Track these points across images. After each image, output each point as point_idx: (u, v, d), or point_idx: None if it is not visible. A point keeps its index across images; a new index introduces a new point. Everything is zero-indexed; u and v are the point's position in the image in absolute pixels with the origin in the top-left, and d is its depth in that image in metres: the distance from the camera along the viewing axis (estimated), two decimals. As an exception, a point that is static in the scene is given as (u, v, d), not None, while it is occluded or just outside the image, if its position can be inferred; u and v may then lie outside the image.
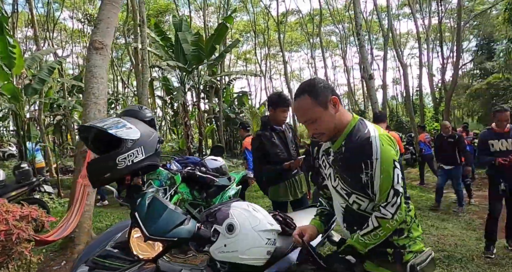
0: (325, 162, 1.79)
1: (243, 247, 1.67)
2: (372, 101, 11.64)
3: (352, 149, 1.62)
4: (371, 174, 1.55)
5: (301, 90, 1.66)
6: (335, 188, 1.73)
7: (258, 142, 3.52)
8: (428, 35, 27.67)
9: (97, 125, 1.64)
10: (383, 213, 1.57)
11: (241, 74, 23.03)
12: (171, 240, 1.66)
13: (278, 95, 3.59)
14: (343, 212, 1.75)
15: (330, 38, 40.03)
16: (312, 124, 1.65)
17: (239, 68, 39.16)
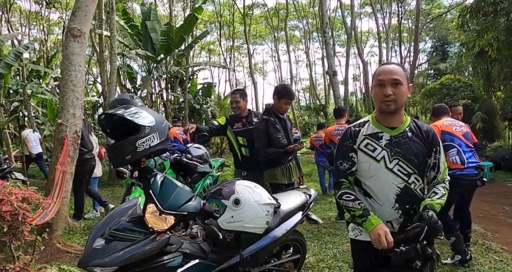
0: (373, 146, 1.92)
1: (248, 218, 2.00)
2: (335, 96, 12.20)
3: (423, 135, 1.92)
4: (439, 158, 1.93)
5: (394, 63, 1.95)
6: (391, 169, 1.89)
7: (264, 126, 3.78)
8: (388, 34, 28.86)
9: (120, 113, 1.87)
10: (447, 184, 1.95)
11: (209, 65, 22.98)
12: (182, 214, 1.94)
13: (285, 88, 3.94)
14: (398, 192, 1.89)
15: (294, 32, 40.63)
16: (395, 86, 1.83)
17: (203, 59, 38.98)
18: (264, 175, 3.94)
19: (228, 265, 2.31)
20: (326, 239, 4.81)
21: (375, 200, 1.93)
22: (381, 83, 1.84)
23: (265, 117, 3.85)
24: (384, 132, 1.92)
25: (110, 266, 1.86)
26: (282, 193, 3.11)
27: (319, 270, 3.75)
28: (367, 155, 1.92)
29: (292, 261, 2.99)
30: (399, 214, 1.90)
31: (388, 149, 1.89)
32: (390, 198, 1.89)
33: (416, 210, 1.89)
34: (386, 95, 1.82)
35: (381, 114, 1.94)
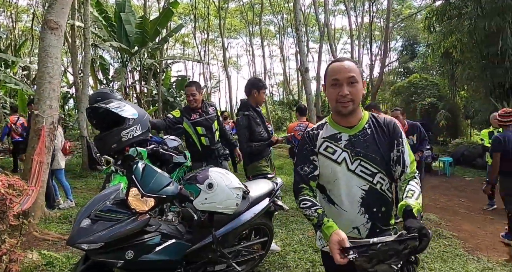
0: (333, 148, 1.79)
1: (220, 200, 2.27)
2: (307, 92, 12.58)
3: (383, 129, 1.80)
4: (402, 150, 1.77)
5: (347, 58, 1.82)
6: (353, 171, 1.75)
7: (246, 122, 4.00)
8: (360, 32, 29.58)
9: (106, 107, 2.10)
10: (419, 180, 1.77)
11: (183, 59, 22.91)
12: (161, 196, 2.19)
13: (259, 80, 4.25)
14: (363, 195, 1.76)
15: (268, 27, 40.89)
16: (351, 85, 1.71)
17: (177, 51, 38.73)
18: (249, 168, 4.17)
19: (201, 244, 2.60)
20: (293, 226, 5.16)
21: (340, 206, 1.79)
22: (337, 83, 1.72)
23: (246, 113, 4.05)
24: (343, 132, 1.80)
25: (96, 243, 2.10)
26: (251, 181, 3.42)
27: (285, 253, 4.08)
28: (327, 159, 1.79)
29: (260, 243, 3.30)
30: (366, 219, 1.76)
31: (348, 149, 1.76)
32: (355, 202, 1.76)
33: (384, 212, 1.78)
34: (343, 95, 1.70)
35: (338, 115, 1.82)
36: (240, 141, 4.09)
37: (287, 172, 10.55)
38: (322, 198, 1.88)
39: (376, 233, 1.75)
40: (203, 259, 2.64)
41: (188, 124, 4.35)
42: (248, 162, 4.16)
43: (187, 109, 4.44)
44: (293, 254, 4.04)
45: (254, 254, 3.22)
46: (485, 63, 11.99)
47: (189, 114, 4.38)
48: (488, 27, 10.58)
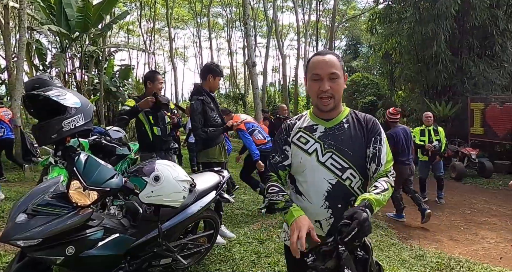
0: (306, 138, 1.77)
1: (167, 192, 2.23)
2: (253, 87, 12.68)
3: (361, 125, 1.75)
4: (379, 148, 1.71)
5: (329, 52, 1.78)
6: (323, 163, 1.71)
7: (200, 106, 3.90)
8: (306, 30, 30.24)
9: (46, 94, 1.97)
10: (391, 179, 1.70)
11: (128, 48, 22.05)
12: (105, 189, 2.11)
13: (218, 65, 4.14)
14: (329, 189, 1.70)
15: (216, 20, 40.55)
16: (333, 81, 1.67)
17: (120, 39, 37.19)
18: (200, 155, 4.12)
19: (146, 238, 2.54)
20: (239, 219, 5.21)
21: (305, 197, 1.74)
22: (318, 77, 1.68)
23: (200, 97, 3.97)
24: (319, 124, 1.77)
25: (33, 239, 1.97)
26: (197, 174, 3.40)
27: (231, 245, 4.11)
28: (299, 148, 1.76)
29: (206, 236, 3.29)
30: (329, 214, 1.70)
31: (321, 141, 1.72)
32: (320, 195, 1.70)
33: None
34: (324, 90, 1.66)
35: (318, 110, 1.79)
36: (195, 126, 4.00)
37: (233, 165, 10.59)
38: (291, 189, 1.85)
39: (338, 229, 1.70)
40: (148, 253, 2.59)
41: (142, 113, 4.21)
42: (201, 147, 4.11)
43: (142, 98, 4.26)
44: (239, 247, 4.08)
45: (200, 247, 3.20)
46: (421, 66, 12.76)
47: None
48: (424, 32, 11.27)
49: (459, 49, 11.82)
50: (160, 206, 2.33)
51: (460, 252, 4.52)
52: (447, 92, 12.27)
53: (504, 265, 4.15)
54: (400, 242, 4.67)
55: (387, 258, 4.05)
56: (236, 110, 30.24)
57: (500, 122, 10.08)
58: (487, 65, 11.25)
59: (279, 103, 30.21)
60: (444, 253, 4.33)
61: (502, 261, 4.30)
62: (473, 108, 10.97)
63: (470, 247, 4.77)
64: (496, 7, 10.99)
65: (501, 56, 11.44)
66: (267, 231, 4.65)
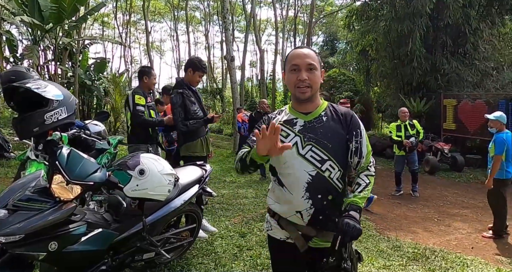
0: (287, 132, 1.80)
1: (152, 186, 2.22)
2: (232, 81, 12.66)
3: (340, 118, 1.82)
4: (360, 141, 1.80)
5: (307, 47, 1.87)
6: (303, 155, 1.76)
7: (180, 100, 3.88)
8: (284, 25, 30.30)
9: (27, 86, 1.92)
10: (371, 171, 1.85)
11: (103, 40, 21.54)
12: (88, 183, 2.08)
13: (200, 61, 4.10)
14: (309, 180, 1.75)
15: (194, 13, 40.09)
16: (310, 71, 1.73)
17: (95, 31, 36.30)
18: (182, 148, 4.09)
19: (129, 233, 2.52)
20: (219, 213, 5.23)
21: (287, 188, 1.79)
22: (296, 68, 1.74)
23: (180, 91, 3.96)
24: (299, 118, 1.82)
25: (15, 235, 1.92)
26: (180, 168, 3.39)
27: (213, 239, 4.13)
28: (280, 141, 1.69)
29: (188, 230, 3.29)
30: (310, 204, 1.75)
31: (301, 134, 1.78)
32: (301, 186, 1.75)
33: (331, 201, 1.78)
34: (302, 80, 1.72)
35: (297, 102, 1.83)
36: (175, 120, 3.99)
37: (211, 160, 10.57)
38: (273, 181, 1.90)
39: (319, 220, 1.77)
40: (131, 248, 2.57)
41: (145, 107, 4.27)
42: (183, 141, 4.09)
43: (144, 92, 4.36)
44: (220, 240, 4.10)
45: (183, 241, 3.20)
46: (396, 63, 13.02)
47: (146, 97, 4.32)
48: (400, 29, 11.49)
49: (433, 47, 12.11)
50: (144, 199, 2.33)
51: (434, 243, 4.68)
52: (421, 88, 12.55)
53: (476, 254, 4.33)
54: (377, 234, 4.80)
55: (365, 249, 4.16)
56: (214, 105, 30.13)
57: (472, 118, 10.38)
58: (459, 63, 11.60)
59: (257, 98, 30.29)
60: (419, 244, 4.48)
61: (474, 251, 4.49)
62: (446, 104, 11.27)
63: (444, 237, 4.94)
64: (469, 7, 11.32)
65: (472, 55, 11.82)
66: (248, 224, 4.69)
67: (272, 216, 1.90)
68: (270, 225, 1.92)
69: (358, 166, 1.83)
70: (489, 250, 4.57)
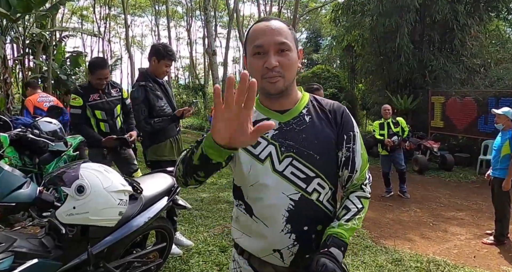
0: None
1: (95, 208, 1.65)
2: (213, 76, 12.12)
3: (328, 116, 1.32)
4: (353, 149, 1.31)
5: (275, 18, 1.31)
6: (280, 172, 1.24)
7: (143, 94, 3.27)
8: (268, 21, 29.84)
9: None
10: (366, 191, 1.36)
11: (77, 31, 20.64)
12: (8, 205, 1.51)
13: (165, 47, 3.44)
14: (290, 207, 1.24)
15: (176, 8, 39.25)
16: (282, 54, 1.21)
17: (74, 25, 35.06)
18: (148, 152, 3.47)
19: (76, 262, 1.95)
20: (198, 222, 4.67)
21: (259, 219, 1.27)
22: (261, 50, 1.20)
23: (142, 83, 3.32)
24: (272, 118, 1.28)
25: None
26: (146, 176, 2.81)
27: (189, 256, 3.57)
28: (247, 153, 1.27)
29: (157, 250, 2.74)
30: (293, 240, 1.25)
31: (276, 142, 1.26)
32: (279, 216, 1.24)
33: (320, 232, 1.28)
34: (270, 68, 1.18)
35: (266, 96, 1.31)
36: (137, 118, 3.35)
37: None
38: (237, 206, 1.35)
39: (305, 260, 1.26)
40: (80, 280, 2.01)
41: (88, 107, 3.59)
42: (148, 143, 3.45)
43: (85, 89, 3.65)
44: (197, 257, 3.55)
45: (150, 264, 2.64)
46: (382, 59, 12.74)
47: (88, 95, 3.60)
48: (387, 24, 11.17)
49: (420, 43, 11.86)
50: (87, 226, 1.75)
51: (434, 252, 4.31)
52: (408, 85, 12.31)
53: (480, 264, 3.98)
54: (373, 244, 4.35)
55: (363, 264, 3.70)
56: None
57: (460, 116, 10.17)
58: (447, 59, 11.36)
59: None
60: (420, 255, 4.05)
61: (476, 260, 4.14)
62: (434, 101, 11.03)
63: (443, 245, 4.58)
64: (457, 2, 11.08)
65: (460, 51, 11.60)
66: (229, 236, 4.15)
67: (241, 253, 1.36)
68: (238, 266, 1.37)
69: (349, 183, 1.34)
70: (492, 258, 4.21)
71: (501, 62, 12.59)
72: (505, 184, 4.37)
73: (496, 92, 9.66)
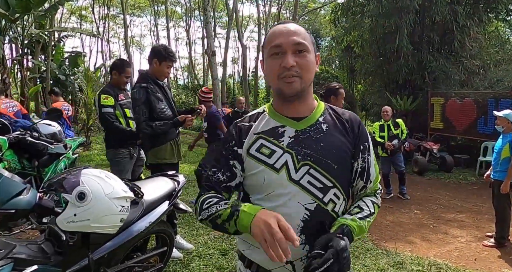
0: (270, 148, 1.25)
1: (96, 216, 1.62)
2: (213, 77, 12.08)
3: (345, 126, 1.30)
4: (368, 160, 1.32)
5: (294, 22, 1.34)
6: (297, 181, 1.22)
7: (144, 95, 3.25)
8: (267, 21, 29.80)
9: None
10: (379, 199, 1.37)
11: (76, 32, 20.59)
12: (8, 212, 1.48)
13: (166, 49, 3.45)
14: (305, 217, 1.21)
15: (175, 8, 39.22)
16: (300, 55, 1.20)
17: (73, 25, 34.99)
18: (149, 155, 3.47)
19: (76, 269, 1.92)
20: (198, 225, 4.63)
21: None
22: (279, 51, 1.20)
23: (143, 85, 3.31)
24: (287, 126, 1.26)
25: None
26: (146, 180, 2.78)
27: (189, 259, 3.55)
28: (261, 163, 1.24)
29: (157, 255, 2.71)
30: (306, 251, 1.21)
31: (293, 150, 1.23)
32: (294, 226, 1.16)
33: None
34: (287, 67, 1.17)
35: (282, 101, 1.28)
36: (138, 120, 3.33)
37: (190, 160, 9.99)
38: None
39: None
40: (80, 286, 1.98)
41: (117, 105, 3.64)
42: (149, 146, 3.43)
43: (113, 90, 3.72)
44: (198, 260, 3.52)
45: (150, 268, 2.61)
46: (382, 60, 12.72)
47: (117, 95, 3.68)
48: (387, 25, 11.16)
49: (419, 44, 11.83)
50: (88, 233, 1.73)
51: (435, 254, 4.30)
52: (407, 86, 12.30)
53: (481, 267, 3.97)
54: (374, 247, 4.33)
55: (364, 267, 3.68)
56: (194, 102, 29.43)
57: (460, 117, 10.17)
58: (446, 60, 11.34)
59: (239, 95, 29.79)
60: (421, 258, 4.03)
61: (478, 263, 4.12)
62: (433, 103, 11.03)
63: (444, 247, 4.57)
64: (456, 3, 11.07)
65: (459, 52, 11.58)
66: (230, 239, 4.12)
67: (248, 266, 1.30)
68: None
69: (362, 192, 1.36)
70: (493, 261, 4.20)
71: (501, 64, 12.61)
72: (503, 186, 4.39)
73: (496, 93, 9.66)
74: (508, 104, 8.91)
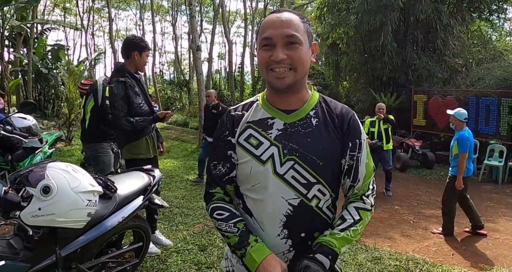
0: (258, 139, 1.25)
1: (61, 210, 1.58)
2: (197, 72, 11.97)
3: (335, 121, 1.26)
4: (357, 158, 1.26)
5: (289, 10, 1.27)
6: (281, 176, 1.21)
7: (122, 90, 3.16)
8: (254, 17, 29.69)
9: None
10: (367, 203, 1.29)
11: (58, 24, 20.18)
12: (-31, 205, 1.44)
13: (140, 39, 3.35)
14: (288, 212, 1.22)
15: (161, 2, 38.74)
16: (291, 47, 1.17)
17: (56, 18, 34.31)
18: (124, 150, 3.38)
19: (46, 264, 1.88)
20: (178, 220, 4.61)
21: (256, 222, 1.26)
22: (269, 43, 1.17)
23: (121, 79, 3.21)
24: (277, 118, 1.25)
25: None
26: (121, 175, 2.74)
27: (167, 255, 3.51)
28: (248, 153, 1.24)
29: (133, 250, 2.67)
30: (289, 246, 1.23)
31: (280, 143, 1.22)
32: (277, 220, 1.22)
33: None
34: (276, 60, 1.15)
35: (273, 92, 1.27)
36: (116, 115, 3.21)
37: (174, 155, 9.92)
38: (237, 204, 1.33)
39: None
40: (51, 281, 1.94)
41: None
42: (125, 141, 3.34)
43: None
44: (176, 256, 3.49)
45: (126, 264, 2.57)
46: (367, 57, 12.81)
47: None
48: (372, 22, 11.23)
49: (404, 41, 11.95)
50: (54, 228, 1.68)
51: (414, 249, 4.35)
52: (391, 84, 12.42)
53: (458, 263, 4.02)
54: (354, 242, 4.36)
55: (342, 262, 3.68)
56: (180, 97, 29.21)
57: (442, 115, 10.30)
58: (430, 58, 11.49)
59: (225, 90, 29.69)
60: (400, 254, 4.07)
61: (455, 258, 4.20)
62: (416, 100, 11.17)
63: (422, 243, 4.64)
64: (440, 2, 11.18)
65: (442, 50, 11.73)
66: (209, 234, 4.11)
67: (234, 252, 1.29)
68: (230, 264, 1.34)
69: (350, 192, 1.30)
70: (470, 256, 4.28)
71: (482, 62, 12.82)
72: (457, 183, 4.64)
73: (477, 91, 9.82)
74: (488, 102, 9.09)
